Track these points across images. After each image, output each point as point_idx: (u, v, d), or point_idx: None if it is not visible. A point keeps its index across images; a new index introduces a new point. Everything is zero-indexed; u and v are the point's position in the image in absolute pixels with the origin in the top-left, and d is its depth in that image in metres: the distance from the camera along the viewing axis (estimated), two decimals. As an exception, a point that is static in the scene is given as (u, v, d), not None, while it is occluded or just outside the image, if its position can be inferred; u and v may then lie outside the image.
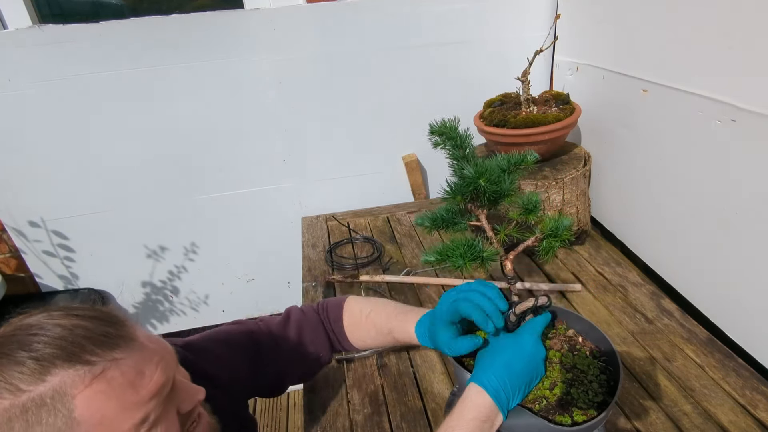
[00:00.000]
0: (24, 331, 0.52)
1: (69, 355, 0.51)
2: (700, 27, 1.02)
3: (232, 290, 2.01)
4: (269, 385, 0.89)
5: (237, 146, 1.72)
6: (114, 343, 0.54)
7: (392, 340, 0.89)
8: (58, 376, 0.50)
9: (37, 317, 0.54)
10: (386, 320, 0.89)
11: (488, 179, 0.74)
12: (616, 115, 1.37)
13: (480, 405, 0.66)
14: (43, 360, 0.50)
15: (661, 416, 0.93)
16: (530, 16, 1.66)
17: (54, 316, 0.54)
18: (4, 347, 0.50)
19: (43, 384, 0.49)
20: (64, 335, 0.52)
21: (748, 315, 1.03)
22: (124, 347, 0.54)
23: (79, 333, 0.52)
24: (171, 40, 1.51)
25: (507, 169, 0.77)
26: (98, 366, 0.52)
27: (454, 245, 0.73)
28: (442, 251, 0.73)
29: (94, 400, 0.51)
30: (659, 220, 1.26)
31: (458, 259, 0.70)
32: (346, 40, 1.61)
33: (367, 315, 0.91)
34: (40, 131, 1.57)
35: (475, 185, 0.75)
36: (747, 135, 0.95)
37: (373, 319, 0.90)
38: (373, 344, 0.93)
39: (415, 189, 1.90)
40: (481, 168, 0.75)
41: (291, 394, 2.31)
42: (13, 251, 1.76)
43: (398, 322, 0.87)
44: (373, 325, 0.90)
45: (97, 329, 0.54)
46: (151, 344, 0.58)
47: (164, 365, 0.58)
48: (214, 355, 0.80)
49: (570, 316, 0.83)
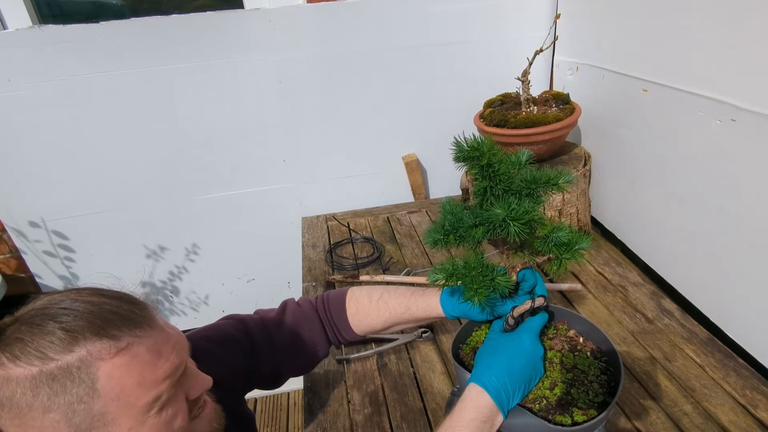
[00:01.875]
0: (55, 305, 0.54)
1: (97, 328, 0.53)
2: (700, 27, 1.02)
3: (232, 290, 2.01)
4: (266, 377, 0.90)
5: (237, 146, 1.72)
6: (138, 321, 0.57)
7: (408, 318, 0.89)
8: (85, 348, 0.52)
9: (66, 294, 0.56)
10: (402, 299, 0.89)
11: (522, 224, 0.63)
12: (616, 115, 1.37)
13: (481, 406, 0.66)
14: (73, 331, 0.52)
15: (661, 416, 0.93)
16: (530, 16, 1.66)
17: (83, 294, 0.56)
18: (36, 318, 0.52)
19: (71, 354, 0.51)
20: (93, 310, 0.54)
21: (748, 315, 1.03)
22: (146, 327, 0.57)
23: (107, 309, 0.55)
24: (171, 41, 1.51)
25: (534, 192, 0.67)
26: (123, 341, 0.54)
27: (466, 266, 0.67)
28: (452, 271, 0.68)
29: (116, 372, 0.53)
30: (659, 220, 1.26)
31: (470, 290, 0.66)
32: (345, 40, 1.61)
33: (378, 298, 0.91)
34: (40, 131, 1.56)
35: (503, 228, 0.65)
36: (747, 135, 0.95)
37: (386, 300, 0.90)
38: (383, 327, 0.92)
39: (415, 189, 1.90)
40: (514, 212, 0.64)
41: (291, 394, 2.31)
42: (13, 251, 1.77)
43: (417, 298, 0.88)
44: (386, 306, 0.90)
45: (123, 307, 0.57)
46: (168, 328, 0.61)
47: (179, 348, 0.60)
48: (210, 355, 0.80)
49: (571, 316, 0.83)
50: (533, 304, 0.71)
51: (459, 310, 0.82)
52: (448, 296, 0.84)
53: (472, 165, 0.67)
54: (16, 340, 0.51)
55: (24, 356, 0.50)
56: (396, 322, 0.91)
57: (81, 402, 0.52)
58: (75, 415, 0.52)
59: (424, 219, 1.75)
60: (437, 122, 1.80)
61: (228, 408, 0.75)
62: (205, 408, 0.67)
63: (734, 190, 1.01)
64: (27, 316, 0.53)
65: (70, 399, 0.51)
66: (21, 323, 0.52)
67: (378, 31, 1.62)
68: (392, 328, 0.93)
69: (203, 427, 0.66)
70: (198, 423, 0.65)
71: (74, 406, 0.52)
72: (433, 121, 1.80)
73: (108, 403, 0.53)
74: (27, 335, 0.51)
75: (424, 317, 0.88)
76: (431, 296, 0.86)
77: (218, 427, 0.69)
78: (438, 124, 1.80)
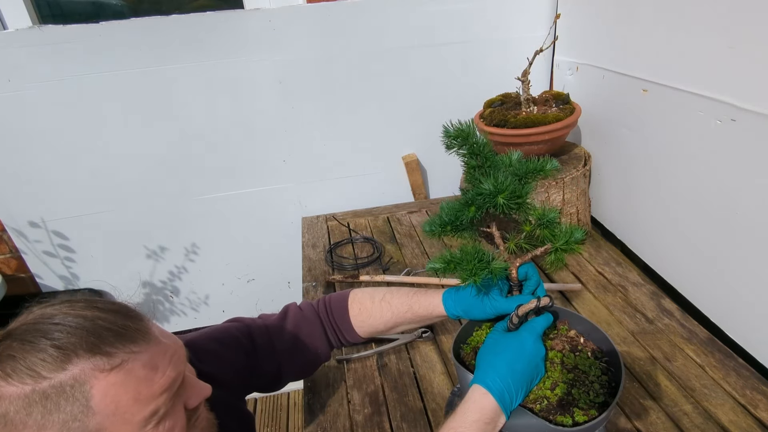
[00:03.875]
0: (47, 320, 0.53)
1: (90, 345, 0.52)
2: (700, 27, 1.02)
3: (232, 290, 2.01)
4: (266, 380, 0.90)
5: (237, 146, 1.72)
6: (132, 336, 0.55)
7: (410, 318, 0.89)
8: (78, 366, 0.51)
9: (59, 307, 0.55)
10: (404, 298, 0.90)
11: (507, 196, 0.69)
12: (616, 115, 1.37)
13: (484, 407, 0.66)
14: (65, 348, 0.51)
15: (661, 416, 0.93)
16: (530, 16, 1.66)
17: (76, 307, 0.55)
18: (27, 335, 0.51)
19: (64, 372, 0.50)
20: (86, 326, 0.53)
21: (748, 315, 1.03)
22: (141, 341, 0.56)
23: (100, 324, 0.54)
24: (171, 41, 1.51)
25: (524, 177, 0.73)
26: (117, 357, 0.53)
27: (463, 254, 0.69)
28: (449, 260, 0.70)
29: (111, 390, 0.52)
30: (659, 219, 1.26)
31: (467, 272, 0.67)
32: (345, 40, 1.61)
33: (381, 299, 0.91)
34: (40, 131, 1.56)
35: (492, 201, 0.70)
36: (747, 135, 0.95)
37: (389, 300, 0.91)
38: (386, 328, 0.93)
39: (415, 189, 1.90)
40: (501, 184, 0.69)
41: (291, 394, 2.31)
42: (13, 252, 1.76)
43: (419, 297, 0.88)
44: (388, 307, 0.90)
45: (117, 322, 0.55)
46: (165, 339, 0.60)
47: (176, 360, 0.59)
48: (213, 354, 0.80)
49: (572, 316, 0.83)
50: (539, 303, 0.71)
51: (461, 309, 0.82)
52: (450, 295, 0.85)
53: (460, 147, 0.75)
54: (7, 357, 0.50)
55: (16, 374, 0.49)
56: (398, 323, 0.91)
57: (75, 420, 0.51)
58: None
59: (424, 219, 1.75)
60: (437, 122, 1.78)
61: (229, 407, 0.76)
62: (200, 417, 0.66)
63: (734, 189, 1.01)
64: (18, 332, 0.52)
65: (65, 417, 0.51)
66: (12, 339, 0.51)
67: (378, 31, 1.62)
68: (395, 329, 0.94)
69: None
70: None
71: (69, 423, 0.51)
72: (433, 121, 1.79)
73: (103, 420, 0.52)
74: (19, 352, 0.50)
75: (426, 316, 0.88)
76: (433, 295, 0.87)
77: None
78: (438, 124, 1.78)
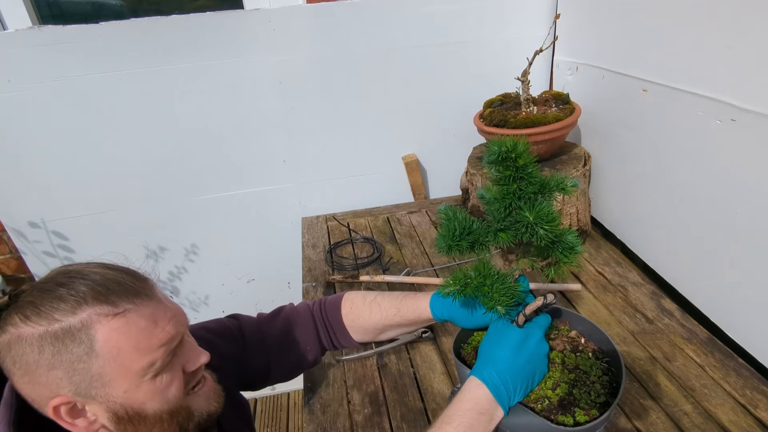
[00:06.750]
0: (65, 274, 0.60)
1: (98, 294, 0.59)
2: (699, 27, 1.02)
3: (232, 290, 2.01)
4: (255, 370, 0.92)
5: (237, 146, 1.72)
6: (137, 291, 0.62)
7: (399, 321, 0.90)
8: (86, 311, 0.57)
9: (76, 266, 0.63)
10: (394, 301, 0.90)
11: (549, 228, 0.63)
12: (616, 115, 1.37)
13: (478, 397, 0.66)
14: (78, 296, 0.58)
15: (661, 416, 0.93)
16: (530, 16, 1.66)
17: (91, 266, 0.63)
18: (47, 284, 0.59)
19: (74, 316, 0.57)
20: (97, 279, 0.60)
21: (748, 315, 1.03)
22: (144, 297, 0.62)
23: (110, 279, 0.61)
24: (171, 41, 1.51)
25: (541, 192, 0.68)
26: (121, 306, 0.59)
27: (479, 274, 0.65)
28: (465, 282, 0.66)
29: (113, 335, 0.58)
30: (659, 219, 1.26)
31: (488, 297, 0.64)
32: (345, 40, 1.61)
33: (372, 300, 0.92)
34: (40, 132, 1.56)
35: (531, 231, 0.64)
36: (747, 135, 0.95)
37: (379, 302, 0.91)
38: (375, 330, 0.93)
39: (415, 189, 1.90)
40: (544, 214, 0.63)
41: (291, 394, 2.31)
42: (13, 252, 1.76)
43: (407, 300, 0.89)
44: (378, 308, 0.91)
45: (125, 279, 0.62)
46: (167, 302, 0.66)
47: (176, 321, 0.65)
48: (206, 343, 0.82)
49: (573, 317, 0.83)
50: (545, 301, 0.71)
51: (447, 314, 0.83)
52: (437, 299, 0.85)
53: (504, 167, 0.66)
54: (28, 303, 0.57)
55: (34, 317, 0.56)
56: (388, 324, 0.91)
57: (81, 361, 0.57)
58: (75, 373, 0.57)
59: (424, 219, 1.75)
60: (437, 122, 1.80)
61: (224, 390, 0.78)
62: (205, 385, 0.70)
63: (734, 189, 1.01)
64: (40, 283, 0.60)
65: (71, 358, 0.57)
66: (35, 289, 0.59)
67: (377, 31, 1.62)
68: (385, 333, 0.94)
69: (201, 404, 0.69)
70: (196, 399, 0.68)
71: (75, 364, 0.57)
72: (433, 121, 1.80)
73: (105, 364, 0.58)
74: (38, 299, 0.57)
75: (414, 320, 0.89)
76: (421, 299, 0.87)
77: (217, 406, 0.72)
78: (438, 124, 1.81)
